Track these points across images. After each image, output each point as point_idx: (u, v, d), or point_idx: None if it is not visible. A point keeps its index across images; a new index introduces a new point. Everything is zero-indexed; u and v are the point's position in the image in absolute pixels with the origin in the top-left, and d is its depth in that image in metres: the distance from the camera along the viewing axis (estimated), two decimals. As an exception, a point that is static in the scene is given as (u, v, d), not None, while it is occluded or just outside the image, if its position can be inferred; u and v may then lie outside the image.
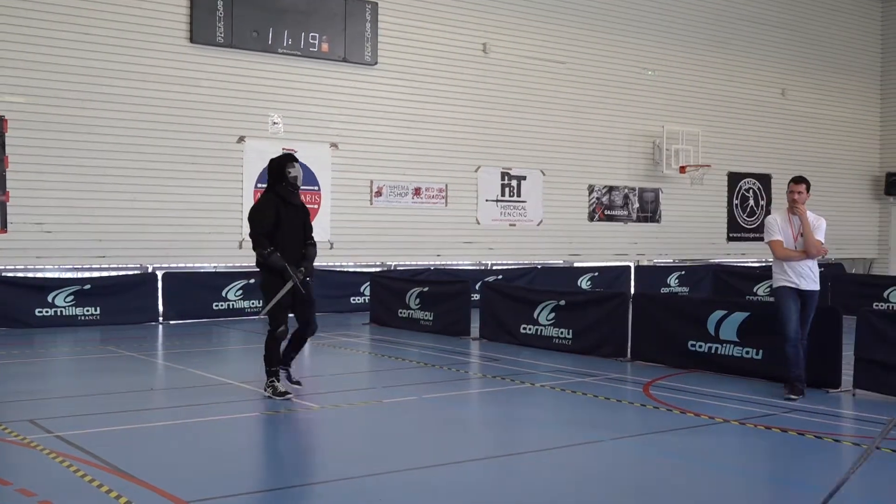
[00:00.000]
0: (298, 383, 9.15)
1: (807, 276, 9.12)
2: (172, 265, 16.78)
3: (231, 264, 17.32)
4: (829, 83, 26.73)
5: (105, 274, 16.11)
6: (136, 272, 16.38)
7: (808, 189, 9.33)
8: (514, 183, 20.87)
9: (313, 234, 9.18)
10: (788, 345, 9.04)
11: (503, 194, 20.72)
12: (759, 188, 25.37)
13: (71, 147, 15.63)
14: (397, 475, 6.16)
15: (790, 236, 9.26)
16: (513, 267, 20.69)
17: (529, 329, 12.91)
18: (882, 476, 6.17)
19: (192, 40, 16.70)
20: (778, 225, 9.36)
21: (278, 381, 8.88)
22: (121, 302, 15.60)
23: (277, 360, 8.90)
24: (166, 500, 5.47)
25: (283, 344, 9.01)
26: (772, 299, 9.58)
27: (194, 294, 16.46)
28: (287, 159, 8.99)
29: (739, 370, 10.24)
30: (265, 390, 8.90)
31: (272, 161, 9.13)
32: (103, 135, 15.89)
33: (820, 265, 9.55)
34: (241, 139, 17.30)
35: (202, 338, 14.24)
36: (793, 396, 8.95)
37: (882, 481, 6.06)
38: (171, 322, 16.04)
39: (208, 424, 7.86)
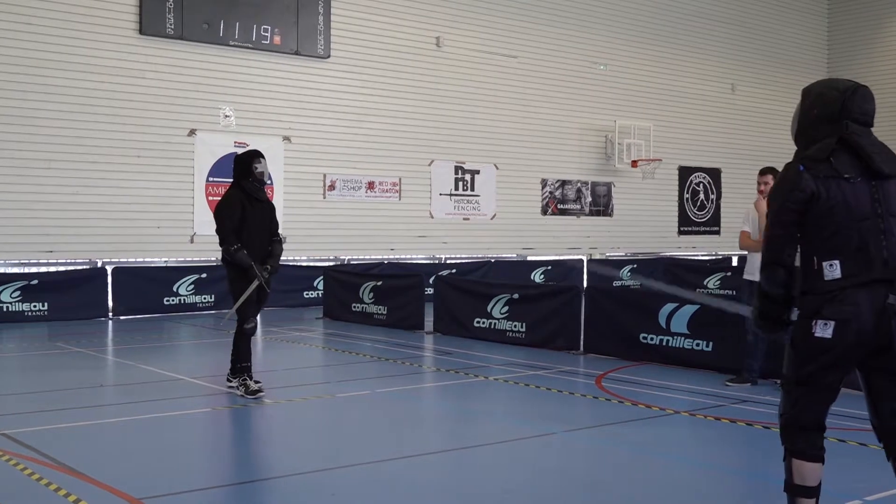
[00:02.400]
0: (258, 382, 8.99)
1: (759, 267, 9.19)
2: (122, 260, 16.57)
3: (182, 259, 17.14)
4: (776, 79, 27.14)
5: (53, 269, 15.86)
6: (84, 267, 16.14)
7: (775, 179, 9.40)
8: (467, 177, 20.90)
9: (279, 230, 9.12)
10: (749, 336, 9.14)
11: (457, 188, 20.75)
12: (709, 182, 25.70)
13: (14, 140, 15.36)
14: (351, 469, 6.15)
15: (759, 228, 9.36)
16: (466, 261, 20.74)
17: (483, 323, 12.95)
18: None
19: (141, 32, 16.49)
20: (749, 216, 9.46)
21: (251, 379, 8.74)
22: (69, 297, 15.36)
23: (247, 356, 8.79)
24: (117, 498, 5.41)
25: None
26: (722, 292, 9.71)
27: (145, 289, 16.27)
28: (254, 155, 8.85)
29: (690, 362, 10.36)
30: (237, 389, 8.72)
31: (238, 156, 9.01)
32: (48, 127, 15.64)
33: None
34: (192, 132, 17.13)
35: (153, 333, 14.08)
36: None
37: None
38: (122, 317, 15.84)
39: (159, 420, 7.78)
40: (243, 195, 8.70)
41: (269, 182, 17.42)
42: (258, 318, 9.07)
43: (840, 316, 4.00)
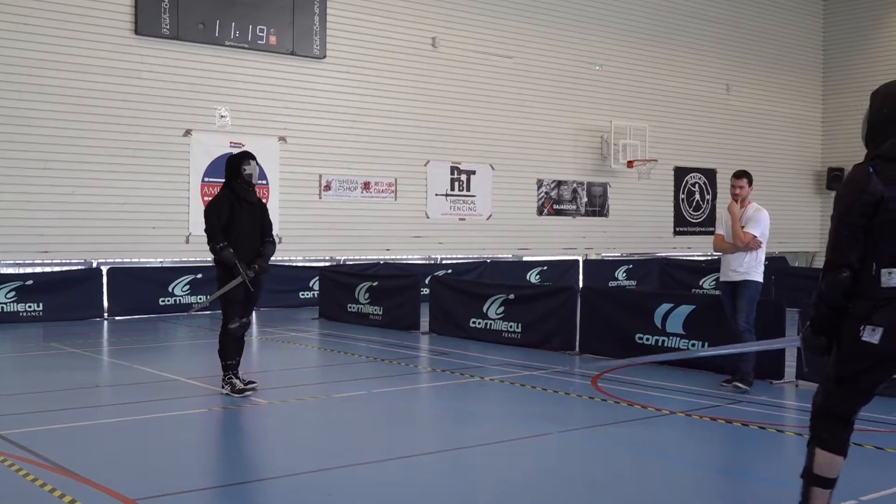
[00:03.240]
0: (252, 383, 8.98)
1: (732, 268, 9.22)
2: (118, 260, 16.55)
3: (178, 259, 17.12)
4: (772, 80, 27.17)
5: (48, 269, 15.82)
6: (80, 267, 16.12)
7: (750, 183, 9.44)
8: (463, 177, 20.90)
9: (273, 232, 9.13)
10: (735, 338, 9.15)
11: (452, 189, 20.74)
12: (704, 183, 25.71)
13: (9, 140, 15.31)
14: (347, 470, 6.15)
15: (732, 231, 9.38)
16: (462, 261, 20.73)
17: (479, 323, 12.95)
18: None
19: (137, 32, 16.46)
20: (722, 219, 9.53)
21: (237, 378, 8.77)
22: (64, 297, 15.33)
23: (232, 354, 8.80)
24: (112, 499, 5.40)
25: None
26: (717, 292, 9.74)
27: (140, 289, 16.24)
28: (243, 157, 8.91)
29: (686, 362, 10.36)
30: (223, 388, 8.76)
31: (229, 158, 9.08)
32: (44, 127, 15.59)
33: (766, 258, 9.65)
34: (188, 132, 17.10)
35: (148, 333, 14.06)
36: (743, 386, 9.05)
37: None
38: (117, 318, 15.82)
39: (155, 421, 7.77)
40: (232, 196, 8.76)
41: (264, 182, 17.47)
42: (253, 318, 9.06)
43: (891, 323, 3.96)
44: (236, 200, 8.75)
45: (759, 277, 9.20)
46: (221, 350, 8.80)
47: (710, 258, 24.95)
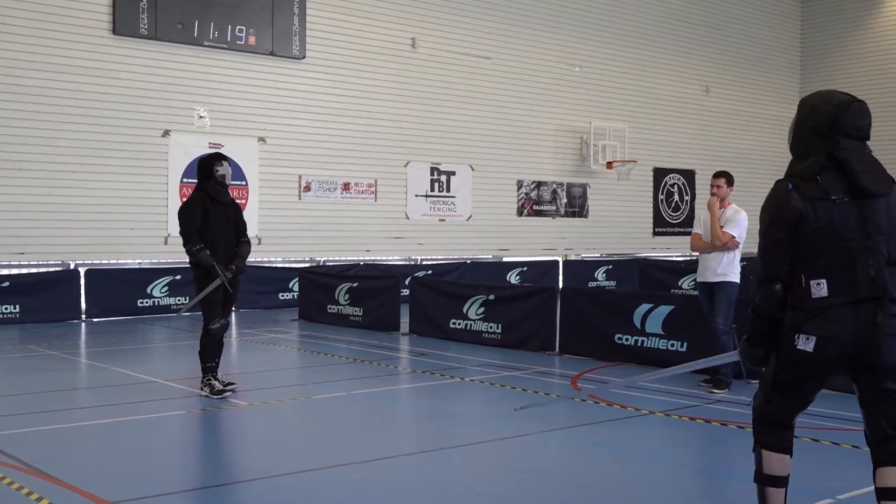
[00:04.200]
0: (231, 384, 8.94)
1: (709, 269, 9.25)
2: (95, 261, 16.43)
3: (156, 260, 17.02)
4: (750, 81, 27.36)
5: (24, 271, 15.70)
6: (57, 269, 16.00)
7: (729, 183, 9.48)
8: (443, 178, 20.91)
9: (247, 232, 9.09)
10: (718, 335, 9.16)
11: (432, 189, 20.75)
12: (683, 183, 25.84)
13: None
14: (327, 471, 6.14)
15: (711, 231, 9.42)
16: (442, 262, 20.74)
17: (459, 324, 12.96)
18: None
19: (114, 32, 16.37)
20: (701, 219, 9.57)
21: (216, 380, 8.73)
22: (41, 299, 15.20)
23: (212, 356, 8.76)
24: (90, 502, 5.36)
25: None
26: (696, 293, 9.78)
27: (118, 291, 16.13)
28: (215, 158, 8.88)
29: (665, 362, 10.39)
30: (202, 389, 8.73)
31: (201, 159, 9.03)
32: (20, 127, 15.49)
33: (743, 259, 9.69)
34: (166, 133, 17.02)
35: (127, 335, 13.98)
36: (716, 391, 9.08)
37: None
38: (95, 319, 15.71)
39: (134, 423, 7.72)
40: (206, 197, 8.72)
41: (243, 183, 17.42)
42: (231, 319, 9.03)
43: (822, 333, 4.07)
44: (210, 202, 8.71)
45: (737, 278, 9.25)
46: (202, 352, 8.77)
47: (689, 258, 25.02)
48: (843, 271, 4.07)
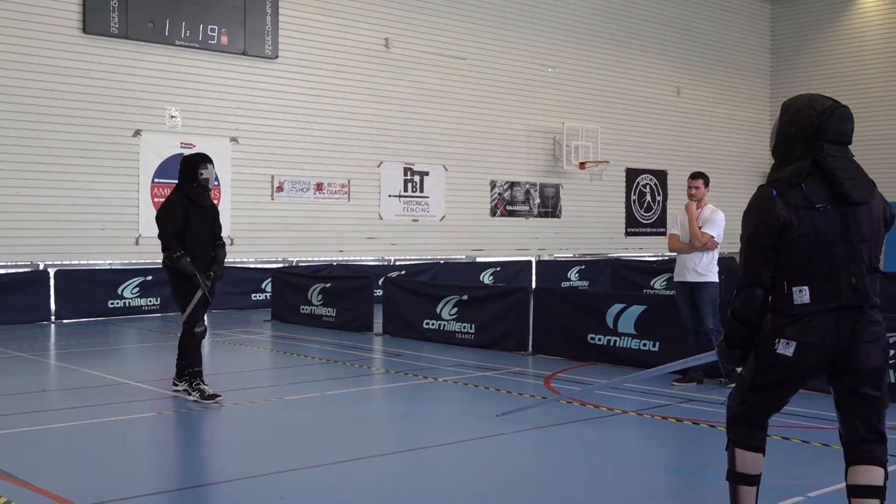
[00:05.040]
0: (219, 395, 8.84)
1: (690, 269, 9.34)
2: (65, 262, 16.28)
3: (127, 261, 16.88)
4: (721, 82, 27.58)
5: (-7, 272, 15.54)
6: (26, 269, 15.82)
7: (706, 184, 9.55)
8: (416, 178, 20.90)
9: (223, 234, 8.97)
10: (690, 336, 9.30)
11: (406, 190, 20.74)
12: (655, 184, 25.99)
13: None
14: (300, 472, 6.12)
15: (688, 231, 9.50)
16: (415, 262, 20.73)
17: (432, 324, 12.96)
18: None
19: (85, 31, 16.22)
20: (678, 219, 9.63)
21: (205, 384, 8.61)
22: (10, 300, 15.01)
23: (199, 360, 8.67)
24: (60, 505, 5.32)
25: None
26: (668, 293, 9.85)
27: (89, 292, 15.98)
28: (200, 160, 8.57)
29: (637, 362, 10.45)
30: (191, 394, 8.56)
31: (184, 159, 8.77)
32: (-9, 127, 15.32)
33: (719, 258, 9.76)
34: (137, 133, 16.90)
35: (97, 337, 13.86)
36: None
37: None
38: (65, 321, 15.56)
39: (105, 426, 7.66)
40: (186, 200, 8.49)
41: (216, 183, 17.30)
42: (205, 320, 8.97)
43: (803, 338, 4.10)
44: (190, 204, 8.47)
45: (716, 278, 9.36)
46: (188, 356, 8.62)
47: (661, 258, 25.20)
48: (825, 279, 4.10)
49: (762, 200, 4.21)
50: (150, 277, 16.41)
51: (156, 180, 16.94)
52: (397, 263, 20.53)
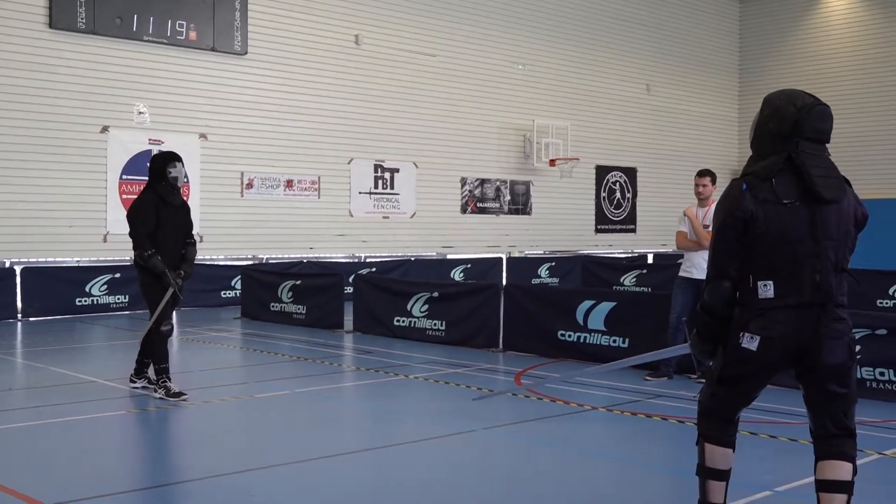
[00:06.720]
0: (184, 393, 8.77)
1: (698, 267, 9.17)
2: (32, 259, 16.10)
3: (95, 258, 16.73)
4: (690, 80, 27.77)
5: (-42, 269, 15.34)
6: (-8, 267, 15.65)
7: (713, 181, 9.57)
8: (387, 175, 20.87)
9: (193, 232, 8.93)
10: (669, 330, 9.33)
11: (376, 186, 20.70)
12: (625, 181, 26.12)
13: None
14: (270, 470, 6.09)
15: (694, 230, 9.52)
16: (386, 259, 20.70)
17: (403, 321, 12.95)
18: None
19: (51, 26, 16.04)
20: (685, 217, 9.62)
21: (170, 381, 8.56)
22: (-24, 299, 14.86)
23: (166, 357, 8.61)
24: (26, 505, 5.26)
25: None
26: (638, 289, 9.89)
27: (55, 289, 15.81)
28: (169, 159, 8.59)
29: (607, 358, 10.46)
30: (155, 392, 8.53)
31: (154, 158, 8.79)
32: (-45, 123, 15.12)
33: None
34: (105, 129, 16.74)
35: (64, 335, 13.72)
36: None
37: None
38: (31, 319, 15.38)
39: (72, 424, 7.59)
40: (157, 198, 8.51)
41: (185, 181, 17.16)
42: (173, 318, 8.91)
43: (766, 333, 4.15)
44: (161, 203, 8.50)
45: None
46: (155, 353, 8.57)
47: (631, 255, 25.37)
48: (789, 274, 4.14)
49: (732, 193, 4.26)
50: (118, 275, 16.28)
51: (124, 177, 16.80)
52: (368, 260, 20.50)
